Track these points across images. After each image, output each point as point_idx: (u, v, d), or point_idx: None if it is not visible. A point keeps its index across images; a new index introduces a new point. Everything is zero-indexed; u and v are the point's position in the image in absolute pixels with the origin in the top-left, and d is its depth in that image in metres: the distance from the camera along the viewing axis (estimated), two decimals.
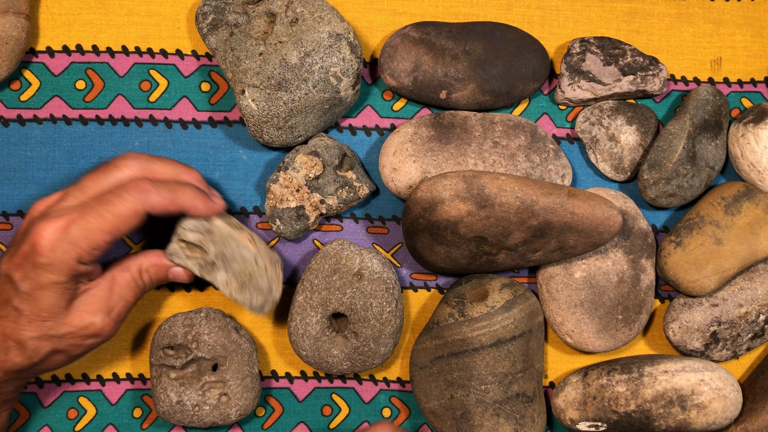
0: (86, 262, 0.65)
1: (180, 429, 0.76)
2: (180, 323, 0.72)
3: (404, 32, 0.74)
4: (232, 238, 0.69)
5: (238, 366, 0.72)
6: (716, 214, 0.74)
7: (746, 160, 0.75)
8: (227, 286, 0.69)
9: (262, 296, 0.70)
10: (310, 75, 0.70)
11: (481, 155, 0.73)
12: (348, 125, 0.77)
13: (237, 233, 0.69)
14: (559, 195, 0.69)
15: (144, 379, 0.76)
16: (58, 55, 0.75)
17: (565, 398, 0.74)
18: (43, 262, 0.64)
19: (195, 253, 0.69)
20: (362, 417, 0.77)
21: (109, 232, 0.64)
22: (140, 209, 0.65)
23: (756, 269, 0.75)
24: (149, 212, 0.66)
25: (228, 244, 0.69)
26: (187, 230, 0.68)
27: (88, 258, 0.65)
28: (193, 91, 0.76)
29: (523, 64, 0.74)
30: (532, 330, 0.73)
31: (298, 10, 0.71)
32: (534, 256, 0.72)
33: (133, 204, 0.65)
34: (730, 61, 0.79)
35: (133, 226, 0.66)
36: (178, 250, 0.69)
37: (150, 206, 0.65)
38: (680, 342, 0.75)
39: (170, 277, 0.70)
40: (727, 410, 0.72)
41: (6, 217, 0.75)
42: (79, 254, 0.64)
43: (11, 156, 0.74)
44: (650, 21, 0.78)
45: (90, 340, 0.67)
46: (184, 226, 0.68)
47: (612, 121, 0.76)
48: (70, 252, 0.64)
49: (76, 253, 0.64)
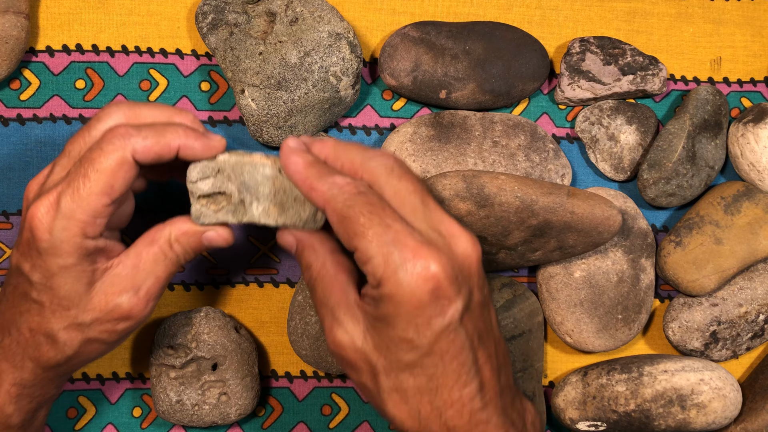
0: (92, 235, 0.58)
1: (180, 428, 0.76)
2: (180, 323, 0.72)
3: (404, 32, 0.74)
4: (244, 162, 0.61)
5: (237, 365, 0.72)
6: (716, 213, 0.74)
7: (746, 159, 0.75)
8: (268, 215, 0.61)
9: (309, 205, 0.61)
10: (309, 74, 0.70)
11: (480, 155, 0.73)
12: (348, 125, 0.77)
13: (247, 157, 0.61)
14: (559, 194, 0.69)
15: (144, 378, 0.76)
16: (57, 54, 0.75)
17: (564, 398, 0.74)
18: (45, 246, 0.57)
19: (220, 204, 0.61)
20: (362, 416, 0.77)
21: (102, 193, 0.57)
22: (126, 157, 0.57)
23: (756, 269, 0.75)
24: (139, 160, 0.58)
25: (244, 171, 0.61)
26: (196, 182, 0.61)
27: (92, 230, 0.58)
28: (193, 91, 0.76)
29: (523, 64, 0.74)
30: (531, 329, 0.73)
31: (298, 10, 0.71)
32: (534, 256, 0.72)
33: (115, 153, 0.57)
34: (730, 60, 0.79)
35: (128, 179, 0.58)
36: (202, 209, 0.61)
37: (135, 152, 0.58)
38: (680, 342, 0.75)
39: (206, 243, 0.62)
40: (726, 410, 0.72)
41: (6, 217, 0.75)
42: (81, 228, 0.57)
43: (11, 155, 0.74)
44: (650, 21, 0.78)
45: (122, 324, 0.60)
46: (192, 179, 0.61)
47: (612, 121, 0.76)
48: (70, 228, 0.57)
49: (77, 228, 0.57)
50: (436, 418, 0.56)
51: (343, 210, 0.55)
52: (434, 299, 0.54)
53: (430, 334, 0.54)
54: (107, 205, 0.58)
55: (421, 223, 0.56)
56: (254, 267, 0.76)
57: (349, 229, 0.55)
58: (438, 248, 0.54)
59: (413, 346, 0.55)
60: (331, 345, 0.58)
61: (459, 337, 0.55)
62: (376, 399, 0.58)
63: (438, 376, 0.55)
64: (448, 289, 0.54)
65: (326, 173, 0.58)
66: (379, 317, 0.55)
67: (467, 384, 0.56)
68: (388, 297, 0.54)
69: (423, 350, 0.55)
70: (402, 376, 0.56)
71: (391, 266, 0.53)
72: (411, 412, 0.56)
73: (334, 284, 0.59)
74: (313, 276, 0.60)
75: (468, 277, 0.56)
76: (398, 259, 0.53)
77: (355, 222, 0.55)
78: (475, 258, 0.56)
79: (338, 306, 0.58)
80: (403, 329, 0.54)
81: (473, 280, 0.56)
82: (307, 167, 0.58)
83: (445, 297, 0.54)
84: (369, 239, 0.54)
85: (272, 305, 0.76)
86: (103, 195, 0.58)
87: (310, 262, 0.60)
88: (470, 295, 0.56)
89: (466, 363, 0.55)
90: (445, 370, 0.55)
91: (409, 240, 0.54)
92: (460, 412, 0.56)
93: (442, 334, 0.54)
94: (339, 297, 0.58)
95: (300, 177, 0.58)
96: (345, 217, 0.55)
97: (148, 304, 0.61)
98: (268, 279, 0.76)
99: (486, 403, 0.57)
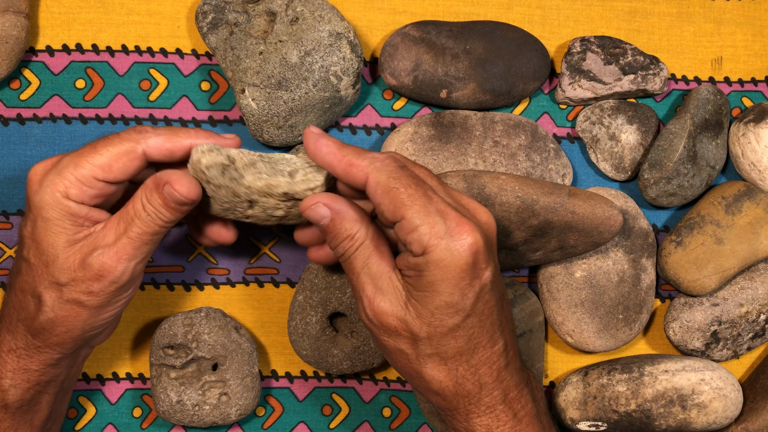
0: (75, 198, 0.61)
1: (180, 429, 0.76)
2: (180, 323, 0.72)
3: (404, 31, 0.74)
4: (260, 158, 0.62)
5: (238, 366, 0.72)
6: (717, 213, 0.74)
7: (747, 159, 0.75)
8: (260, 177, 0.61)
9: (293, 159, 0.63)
10: (310, 74, 0.70)
11: (481, 154, 0.73)
12: (348, 124, 0.77)
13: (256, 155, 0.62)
14: (560, 194, 0.69)
15: (144, 378, 0.76)
16: (57, 54, 0.75)
17: (565, 398, 0.74)
18: (32, 196, 0.61)
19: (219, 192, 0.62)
20: (362, 417, 0.77)
21: (97, 166, 0.61)
22: (136, 148, 0.61)
23: (757, 269, 0.75)
24: (152, 155, 0.62)
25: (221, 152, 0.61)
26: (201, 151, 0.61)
27: (75, 193, 0.61)
28: (193, 90, 0.76)
29: (524, 64, 0.74)
30: (532, 330, 0.73)
31: (299, 9, 0.71)
32: (534, 256, 0.72)
33: (127, 143, 0.61)
34: (731, 60, 0.79)
35: (128, 168, 0.61)
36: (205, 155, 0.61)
37: (148, 147, 0.62)
38: (681, 341, 0.75)
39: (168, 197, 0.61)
40: (727, 410, 0.72)
41: (6, 217, 0.75)
42: (65, 186, 0.60)
43: (11, 155, 0.74)
44: (651, 20, 0.78)
45: (96, 285, 0.61)
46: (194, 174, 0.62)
47: (612, 121, 0.76)
48: (57, 183, 0.60)
49: (62, 185, 0.60)
50: (472, 376, 0.61)
51: (389, 182, 0.59)
52: (474, 264, 0.59)
53: (472, 296, 0.59)
54: (98, 179, 0.61)
55: (447, 198, 0.60)
56: (254, 267, 0.76)
57: (396, 199, 0.59)
58: (470, 219, 0.59)
59: (457, 309, 0.59)
60: (371, 313, 0.61)
61: (493, 298, 0.61)
62: (413, 363, 0.62)
63: (476, 336, 0.60)
64: (484, 255, 0.59)
65: (362, 151, 0.61)
66: (423, 286, 0.59)
67: (496, 342, 0.61)
68: (435, 263, 0.58)
69: (466, 312, 0.59)
70: (444, 341, 0.60)
71: (438, 234, 0.58)
72: (450, 372, 0.61)
73: (377, 255, 0.61)
74: (355, 245, 0.62)
75: (491, 246, 0.61)
76: (444, 228, 0.58)
77: (401, 193, 0.59)
78: (494, 228, 0.62)
79: (381, 276, 0.61)
80: (450, 293, 0.59)
81: (493, 249, 0.61)
82: (341, 147, 0.61)
83: (482, 262, 0.59)
84: (416, 209, 0.58)
85: (272, 305, 0.76)
86: (98, 168, 0.61)
87: (353, 231, 0.62)
88: (495, 261, 0.61)
89: (495, 322, 0.61)
90: (482, 329, 0.61)
91: (451, 211, 0.59)
92: (491, 369, 0.61)
93: (481, 295, 0.60)
94: (382, 267, 0.61)
95: (336, 157, 0.61)
96: (391, 188, 0.59)
97: (119, 264, 0.62)
98: (268, 279, 0.76)
99: (508, 361, 0.62)
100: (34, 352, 0.64)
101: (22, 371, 0.64)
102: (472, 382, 0.61)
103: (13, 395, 0.64)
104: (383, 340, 0.62)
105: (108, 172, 0.61)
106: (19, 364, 0.64)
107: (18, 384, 0.64)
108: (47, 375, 0.65)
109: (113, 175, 0.61)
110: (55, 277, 0.62)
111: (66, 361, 0.66)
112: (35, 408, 0.66)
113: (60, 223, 0.61)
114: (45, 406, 0.67)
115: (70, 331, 0.63)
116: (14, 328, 0.64)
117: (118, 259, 0.62)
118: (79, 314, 0.63)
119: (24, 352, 0.64)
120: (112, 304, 0.64)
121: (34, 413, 0.66)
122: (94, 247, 0.61)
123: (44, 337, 0.63)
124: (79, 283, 0.62)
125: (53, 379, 0.66)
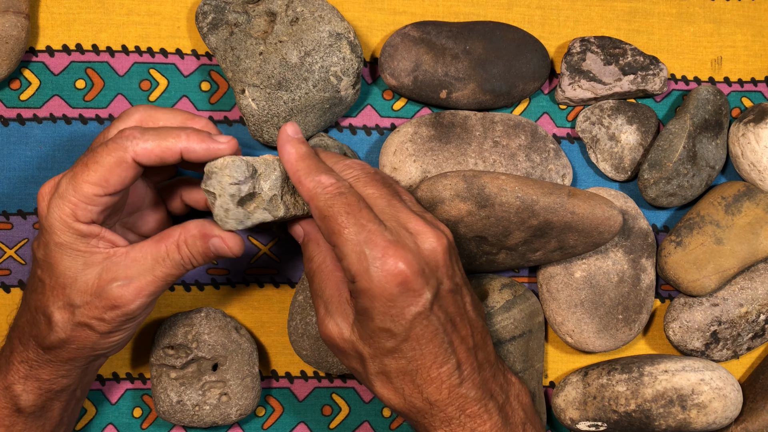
0: (83, 219, 0.61)
1: (180, 429, 0.76)
2: (180, 323, 0.72)
3: (404, 32, 0.74)
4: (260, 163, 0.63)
5: (238, 366, 0.72)
6: (717, 213, 0.74)
7: (747, 159, 0.75)
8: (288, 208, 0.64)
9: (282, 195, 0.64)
10: (310, 74, 0.70)
11: (481, 155, 0.73)
12: (348, 125, 0.77)
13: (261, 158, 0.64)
14: (560, 195, 0.69)
15: (144, 378, 0.76)
16: (57, 54, 0.75)
17: (565, 398, 0.74)
18: (43, 222, 0.62)
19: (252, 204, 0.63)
20: (362, 417, 0.77)
21: (96, 184, 0.60)
22: (125, 158, 0.60)
23: (756, 269, 0.75)
24: (142, 162, 0.61)
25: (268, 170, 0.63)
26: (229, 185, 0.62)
27: (83, 214, 0.61)
28: (193, 91, 0.76)
29: (524, 64, 0.74)
30: (532, 330, 0.73)
31: (299, 10, 0.71)
32: (534, 256, 0.72)
33: (117, 153, 0.60)
34: (731, 60, 0.79)
35: (124, 178, 0.61)
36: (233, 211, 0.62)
37: (137, 154, 0.61)
38: (680, 342, 0.75)
39: (213, 249, 0.64)
40: (727, 410, 0.72)
41: (6, 217, 0.75)
42: (72, 209, 0.61)
43: (11, 155, 0.74)
44: (651, 20, 0.78)
45: (109, 313, 0.62)
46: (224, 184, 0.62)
47: (612, 121, 0.76)
48: (62, 207, 0.61)
49: (68, 209, 0.61)
50: (418, 395, 0.62)
51: (324, 209, 0.60)
52: (404, 292, 0.59)
53: (404, 322, 0.60)
54: (99, 196, 0.61)
55: (390, 222, 0.61)
56: (254, 267, 0.76)
57: (328, 227, 0.60)
58: (405, 246, 0.59)
59: (391, 334, 0.60)
60: (322, 334, 0.64)
61: (432, 323, 0.60)
62: (366, 381, 0.64)
63: (416, 358, 0.61)
64: (415, 282, 0.59)
65: (314, 170, 0.62)
66: (359, 310, 0.61)
67: (444, 363, 0.61)
68: (363, 292, 0.59)
69: (401, 337, 0.60)
70: (385, 360, 0.61)
71: (363, 264, 0.59)
72: (396, 390, 0.62)
73: (330, 279, 0.64)
74: (313, 268, 0.65)
75: (435, 270, 0.61)
76: (369, 257, 0.59)
77: (333, 221, 0.60)
78: (440, 251, 0.61)
79: (331, 300, 0.63)
80: (381, 320, 0.60)
81: (441, 271, 0.61)
82: (299, 160, 0.62)
83: (413, 289, 0.59)
84: (345, 238, 0.59)
85: (272, 305, 0.76)
86: (97, 186, 0.61)
87: (313, 255, 0.65)
88: (438, 285, 0.61)
89: (442, 345, 0.61)
90: (422, 352, 0.61)
91: (380, 239, 0.59)
92: (439, 388, 0.62)
93: (415, 321, 0.60)
94: (332, 292, 0.63)
95: (291, 168, 0.62)
96: (325, 216, 0.60)
97: (137, 299, 0.62)
98: (268, 279, 0.76)
99: (463, 378, 0.62)
100: (45, 364, 0.65)
101: (34, 379, 0.65)
102: (420, 400, 0.62)
103: (25, 400, 0.65)
104: (339, 358, 0.65)
105: (107, 187, 0.61)
106: (30, 373, 0.65)
107: (30, 390, 0.65)
108: (58, 384, 0.66)
109: (113, 188, 0.61)
110: (71, 299, 0.62)
111: (77, 372, 0.66)
112: (47, 414, 0.67)
113: (74, 246, 0.62)
114: (57, 413, 0.67)
115: (81, 349, 0.64)
116: (26, 341, 0.64)
117: (137, 294, 0.62)
118: (89, 336, 0.63)
119: (35, 363, 0.65)
120: (122, 330, 0.64)
121: (45, 419, 0.67)
122: (114, 277, 0.62)
123: (55, 353, 0.64)
124: (92, 309, 0.62)
125: (65, 388, 0.67)
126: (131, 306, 0.62)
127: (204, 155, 0.62)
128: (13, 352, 0.65)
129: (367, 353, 0.62)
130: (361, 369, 0.63)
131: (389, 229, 0.60)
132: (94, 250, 0.62)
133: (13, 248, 0.75)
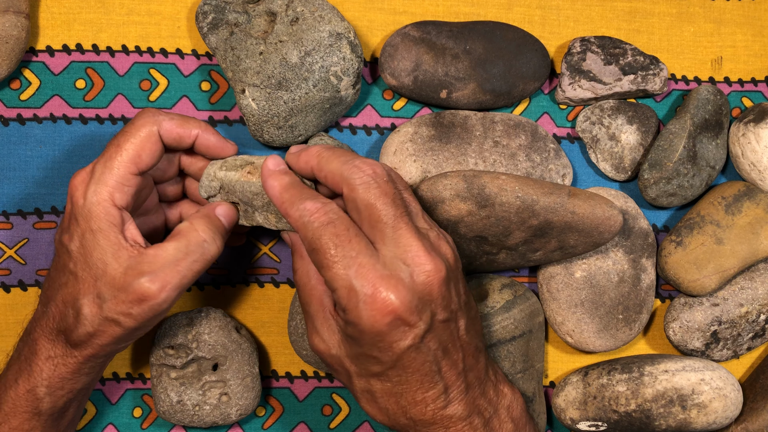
0: (120, 204, 0.63)
1: (180, 429, 0.76)
2: (180, 323, 0.72)
3: (405, 31, 0.74)
4: (234, 181, 0.66)
5: (238, 366, 0.72)
6: (717, 213, 0.74)
7: (747, 159, 0.75)
8: (268, 222, 0.67)
9: None
10: (310, 74, 0.70)
11: (481, 155, 0.73)
12: (348, 124, 0.77)
13: (235, 173, 0.67)
14: (560, 194, 0.69)
15: (144, 378, 0.76)
16: (58, 54, 0.75)
17: (565, 398, 0.74)
18: (79, 210, 0.63)
19: None
20: (362, 417, 0.77)
21: (130, 162, 0.63)
22: (153, 131, 0.64)
23: (756, 269, 0.75)
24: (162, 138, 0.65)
25: (236, 189, 0.66)
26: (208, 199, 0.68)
27: (120, 197, 0.63)
28: (193, 91, 0.76)
29: (524, 64, 0.74)
30: (532, 330, 0.73)
31: (299, 10, 0.71)
32: (534, 256, 0.72)
33: (146, 128, 0.64)
34: (731, 60, 0.79)
35: (154, 152, 0.64)
36: None
37: (162, 128, 0.65)
38: (681, 341, 0.75)
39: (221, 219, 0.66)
40: (727, 410, 0.72)
41: (6, 217, 0.75)
42: (110, 192, 0.62)
43: (11, 155, 0.74)
44: (651, 20, 0.78)
45: (136, 308, 0.62)
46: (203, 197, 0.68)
47: (612, 121, 0.76)
48: (100, 192, 0.62)
49: (106, 192, 0.62)
50: (403, 414, 0.62)
51: (312, 241, 0.60)
52: (394, 327, 0.59)
53: (392, 354, 0.60)
54: (134, 174, 0.64)
55: (387, 249, 0.59)
56: (254, 267, 0.76)
57: (317, 260, 0.60)
58: (398, 279, 0.58)
59: (378, 362, 0.60)
60: (311, 347, 0.65)
61: (421, 355, 0.60)
62: (353, 393, 0.64)
63: (402, 383, 0.61)
64: (407, 318, 0.58)
65: (298, 198, 0.62)
66: (349, 334, 0.61)
67: (431, 388, 0.61)
68: (352, 324, 0.59)
69: (388, 365, 0.60)
70: (371, 381, 0.62)
71: (353, 299, 0.58)
72: (380, 409, 0.63)
73: (314, 295, 0.64)
74: (297, 281, 0.66)
75: (429, 302, 0.60)
76: (360, 292, 0.58)
77: (323, 254, 0.59)
78: (436, 283, 0.59)
79: (316, 315, 0.63)
80: (369, 349, 0.60)
81: (436, 302, 0.60)
82: (282, 192, 0.63)
83: (405, 324, 0.59)
84: (334, 272, 0.59)
85: (273, 305, 0.76)
86: (131, 163, 0.63)
87: (297, 267, 0.66)
88: (432, 317, 0.60)
89: (429, 372, 0.61)
90: (408, 379, 0.61)
91: (371, 273, 0.58)
92: (424, 411, 0.62)
93: (404, 353, 0.60)
94: (317, 307, 0.63)
95: (276, 201, 0.63)
96: (314, 249, 0.60)
97: (162, 293, 0.62)
98: (268, 279, 0.76)
99: (450, 401, 0.62)
100: (70, 360, 0.65)
101: (58, 379, 0.65)
102: (404, 418, 0.62)
103: (47, 403, 0.65)
104: (328, 369, 0.65)
105: (139, 163, 0.64)
106: (55, 372, 0.65)
107: (53, 392, 0.65)
108: (80, 383, 0.66)
109: (145, 163, 0.64)
110: (100, 291, 0.62)
111: (97, 369, 0.67)
112: (65, 414, 0.67)
113: (107, 235, 0.63)
114: (72, 413, 0.68)
115: (105, 345, 0.64)
116: (55, 336, 0.65)
117: (162, 287, 0.62)
118: (114, 332, 0.64)
119: (61, 360, 0.65)
120: (146, 327, 0.65)
121: (61, 420, 0.67)
122: (139, 272, 0.62)
123: (82, 349, 0.64)
124: (119, 303, 0.62)
125: (84, 386, 0.67)
126: (157, 299, 0.62)
127: (215, 146, 0.67)
128: (36, 353, 0.65)
129: (354, 371, 0.62)
130: (347, 383, 0.64)
131: (382, 261, 0.59)
132: (123, 243, 0.63)
133: (13, 248, 0.75)
